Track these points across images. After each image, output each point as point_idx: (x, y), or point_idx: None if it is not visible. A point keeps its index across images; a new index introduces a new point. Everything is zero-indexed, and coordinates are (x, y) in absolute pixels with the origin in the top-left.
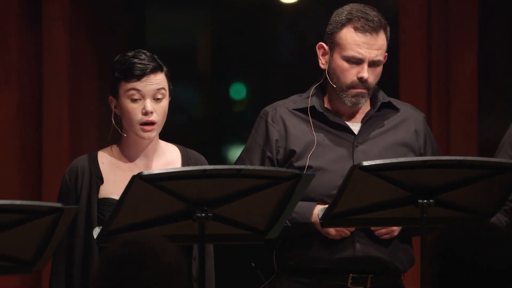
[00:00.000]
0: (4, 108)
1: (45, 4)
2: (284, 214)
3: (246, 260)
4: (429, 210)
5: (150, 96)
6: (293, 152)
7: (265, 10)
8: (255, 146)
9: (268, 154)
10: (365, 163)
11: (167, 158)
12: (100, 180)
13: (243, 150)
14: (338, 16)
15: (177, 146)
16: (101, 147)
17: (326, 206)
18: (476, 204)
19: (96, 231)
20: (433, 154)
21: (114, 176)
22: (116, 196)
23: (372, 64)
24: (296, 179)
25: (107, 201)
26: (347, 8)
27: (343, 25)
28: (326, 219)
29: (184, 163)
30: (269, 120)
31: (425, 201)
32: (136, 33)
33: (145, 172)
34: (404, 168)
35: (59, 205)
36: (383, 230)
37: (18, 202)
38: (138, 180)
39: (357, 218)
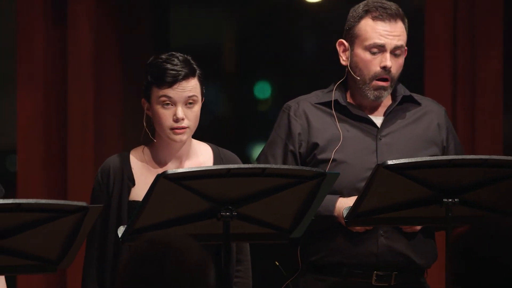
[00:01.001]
0: (29, 107)
1: (71, 2)
2: (309, 213)
3: (269, 258)
4: (454, 209)
5: (182, 103)
6: (316, 145)
7: (290, 9)
8: (277, 140)
9: (291, 147)
10: (390, 162)
11: (199, 160)
12: (131, 182)
13: (266, 144)
14: (355, 11)
15: (209, 146)
16: (126, 145)
17: (351, 203)
18: (501, 203)
19: (120, 230)
20: (455, 148)
21: (145, 179)
22: None
23: (394, 50)
24: (320, 178)
25: (137, 203)
26: (363, 2)
27: (361, 17)
28: (351, 218)
29: (216, 163)
30: (292, 114)
31: (450, 200)
32: (160, 32)
33: (170, 171)
34: (429, 167)
35: (84, 203)
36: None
37: (43, 201)
38: (162, 179)
39: (382, 217)
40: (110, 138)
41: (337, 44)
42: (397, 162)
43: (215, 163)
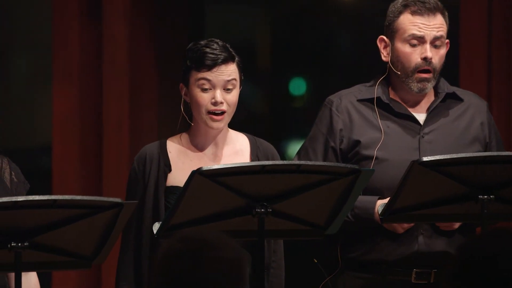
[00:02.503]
0: (65, 103)
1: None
2: (344, 210)
3: (308, 255)
4: (489, 206)
5: (221, 86)
6: (357, 142)
7: (325, 5)
8: (318, 135)
9: (332, 143)
10: (425, 159)
11: (236, 146)
12: (168, 168)
13: (307, 138)
14: (394, 6)
15: (246, 135)
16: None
17: (386, 201)
18: None
19: (155, 226)
20: (497, 144)
21: (182, 164)
22: (183, 184)
23: (434, 41)
24: (355, 175)
25: (175, 189)
26: None
27: (400, 12)
28: (386, 214)
29: (253, 152)
30: (334, 109)
31: (485, 197)
32: (195, 29)
33: (205, 168)
34: (464, 164)
35: (118, 200)
36: (445, 224)
37: (78, 197)
38: (197, 176)
39: (417, 213)
40: (145, 134)
41: (377, 41)
42: (432, 159)
43: (252, 151)
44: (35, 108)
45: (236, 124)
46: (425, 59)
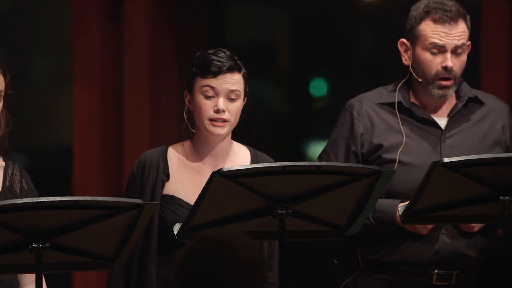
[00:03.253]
0: (86, 104)
1: (126, 0)
2: (364, 211)
3: (329, 256)
4: (510, 207)
5: (224, 95)
6: (379, 146)
7: (345, 6)
8: (340, 139)
9: (353, 148)
10: (446, 160)
11: (237, 159)
12: (166, 176)
13: (328, 142)
14: (416, 10)
15: (248, 148)
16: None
17: (407, 203)
18: None
19: (176, 227)
20: None
21: (181, 174)
22: (180, 194)
23: (455, 50)
24: (376, 176)
25: (170, 198)
26: (424, 1)
27: (421, 19)
28: (407, 216)
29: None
30: (355, 113)
31: (506, 198)
32: (216, 29)
33: (225, 168)
34: (485, 165)
35: (139, 201)
36: (467, 225)
37: (99, 198)
38: (218, 177)
39: (438, 215)
40: (166, 134)
41: (398, 44)
42: (453, 160)
43: (252, 163)
44: (56, 109)
45: (256, 124)
46: (445, 68)
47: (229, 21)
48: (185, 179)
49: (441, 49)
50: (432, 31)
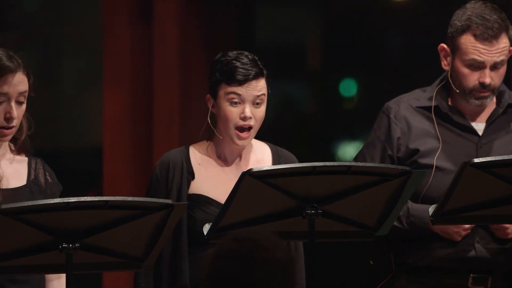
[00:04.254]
0: (116, 105)
1: (156, 0)
2: (394, 211)
3: (364, 258)
4: None
5: (250, 101)
6: (416, 151)
7: (376, 6)
8: (376, 142)
9: (389, 152)
10: (476, 160)
11: (258, 156)
12: (191, 175)
13: (364, 145)
14: (458, 20)
15: (268, 145)
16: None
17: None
18: None
19: (206, 228)
20: None
21: (205, 172)
22: (206, 192)
23: (494, 66)
24: (406, 176)
25: (197, 197)
26: (467, 11)
27: (462, 31)
28: (437, 216)
29: (274, 161)
30: (392, 116)
31: None
32: (245, 30)
33: (255, 169)
34: None
35: (169, 201)
36: (501, 232)
37: (129, 198)
38: (247, 177)
39: (469, 215)
40: (196, 134)
41: (438, 48)
42: (483, 160)
43: (274, 161)
44: (86, 110)
45: (285, 125)
46: (482, 84)
47: (258, 21)
48: (210, 177)
49: (480, 65)
50: (472, 46)
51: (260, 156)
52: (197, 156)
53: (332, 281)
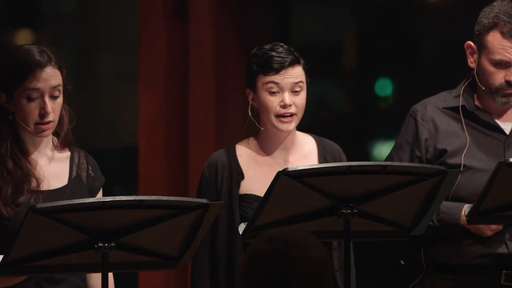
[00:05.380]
0: (151, 103)
1: (191, 0)
2: (430, 211)
3: (394, 257)
4: None
5: (289, 89)
6: (444, 151)
7: (410, 6)
8: (404, 145)
9: (418, 153)
10: None
11: (304, 150)
12: (240, 175)
13: (392, 148)
14: (485, 17)
15: (312, 136)
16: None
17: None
18: None
19: (241, 227)
20: None
21: (254, 171)
22: (257, 191)
23: None
24: (442, 176)
25: (248, 196)
26: (494, 9)
27: (489, 29)
28: (473, 215)
29: (320, 154)
30: (419, 118)
31: None
32: (281, 29)
33: (290, 168)
34: None
35: (204, 201)
36: None
37: (165, 197)
38: (283, 177)
39: (504, 215)
40: (231, 134)
41: (465, 46)
42: None
43: (319, 153)
44: (121, 109)
45: (320, 124)
46: (508, 82)
47: (294, 20)
48: (259, 176)
49: (506, 64)
50: (499, 45)
51: (306, 150)
52: (244, 154)
53: (364, 280)
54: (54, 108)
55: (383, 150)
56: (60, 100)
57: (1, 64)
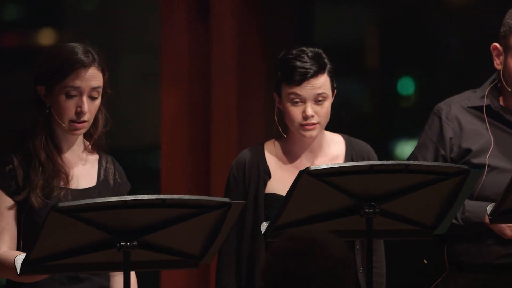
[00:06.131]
0: (174, 103)
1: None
2: (452, 210)
3: (417, 256)
4: None
5: (311, 100)
6: (468, 150)
7: (433, 5)
8: (428, 143)
9: (442, 152)
10: None
11: (331, 153)
12: (268, 175)
13: (416, 146)
14: (511, 19)
15: (342, 136)
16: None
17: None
18: None
19: (263, 226)
20: None
21: (281, 172)
22: (282, 192)
23: None
24: (464, 175)
25: (273, 196)
26: None
27: None
28: (495, 215)
29: (347, 156)
30: (443, 117)
31: None
32: (304, 28)
33: (312, 167)
34: None
35: (227, 199)
36: None
37: (187, 196)
38: (305, 175)
39: None
40: (253, 134)
41: (491, 48)
42: None
43: (347, 153)
44: (143, 108)
45: (343, 123)
46: None
47: (317, 19)
48: (285, 177)
49: None
50: None
51: (334, 153)
52: (272, 154)
53: (387, 279)
54: (90, 108)
55: (405, 149)
56: (98, 102)
57: (46, 58)
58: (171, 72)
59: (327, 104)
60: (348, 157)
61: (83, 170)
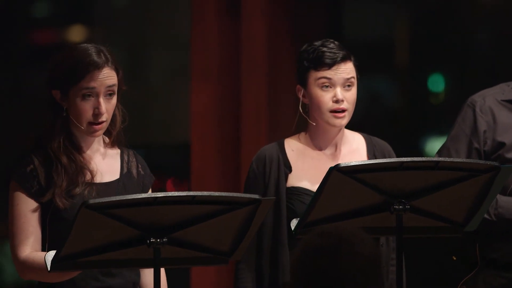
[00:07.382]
0: (204, 100)
1: None
2: (483, 207)
3: (447, 253)
4: None
5: (341, 84)
6: (501, 144)
7: (462, 2)
8: (461, 136)
9: (476, 145)
10: None
11: (353, 146)
12: (288, 168)
13: (448, 138)
14: None
15: (361, 134)
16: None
17: None
18: None
19: (293, 223)
20: None
21: (302, 164)
22: (305, 184)
23: None
24: (495, 172)
25: (296, 189)
26: None
27: None
28: None
29: (369, 150)
30: (478, 110)
31: None
32: (334, 25)
33: (343, 164)
34: None
35: (256, 196)
36: None
37: (216, 193)
38: (335, 172)
39: None
40: (284, 129)
41: None
42: None
43: (368, 149)
44: (173, 105)
45: (373, 120)
46: None
47: (347, 17)
48: (307, 169)
49: None
50: None
51: (355, 146)
52: (294, 148)
53: (416, 275)
54: (108, 108)
55: (435, 145)
56: (114, 100)
57: (59, 62)
58: (201, 68)
59: (354, 91)
60: (370, 152)
61: (106, 165)
